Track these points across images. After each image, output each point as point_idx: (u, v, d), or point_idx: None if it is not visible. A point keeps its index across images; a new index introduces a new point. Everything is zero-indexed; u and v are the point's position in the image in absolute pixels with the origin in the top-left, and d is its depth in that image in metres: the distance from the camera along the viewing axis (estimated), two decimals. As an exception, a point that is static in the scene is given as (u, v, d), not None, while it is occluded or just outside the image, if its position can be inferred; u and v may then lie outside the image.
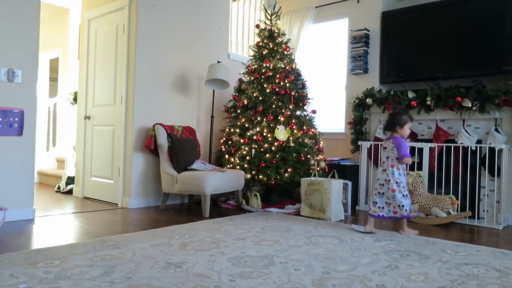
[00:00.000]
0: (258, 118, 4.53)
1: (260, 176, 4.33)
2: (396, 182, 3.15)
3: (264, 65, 4.65)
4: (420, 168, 4.21)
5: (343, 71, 5.36)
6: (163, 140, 4.21)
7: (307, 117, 4.73)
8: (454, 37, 4.35)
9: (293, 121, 4.49)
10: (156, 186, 4.41)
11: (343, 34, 5.41)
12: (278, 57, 4.71)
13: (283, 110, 4.50)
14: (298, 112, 4.70)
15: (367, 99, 4.70)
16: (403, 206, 3.12)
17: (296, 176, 4.31)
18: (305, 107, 4.75)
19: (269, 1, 4.92)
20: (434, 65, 4.48)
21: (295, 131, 4.44)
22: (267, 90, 4.54)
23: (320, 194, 3.87)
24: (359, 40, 4.98)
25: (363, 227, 3.24)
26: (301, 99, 4.70)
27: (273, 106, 4.51)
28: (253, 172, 4.37)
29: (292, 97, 4.59)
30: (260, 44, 4.82)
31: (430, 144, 4.16)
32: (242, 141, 4.51)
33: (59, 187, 5.26)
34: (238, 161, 4.48)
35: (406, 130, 3.23)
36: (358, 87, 4.99)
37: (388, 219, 3.27)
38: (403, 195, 3.15)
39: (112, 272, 2.07)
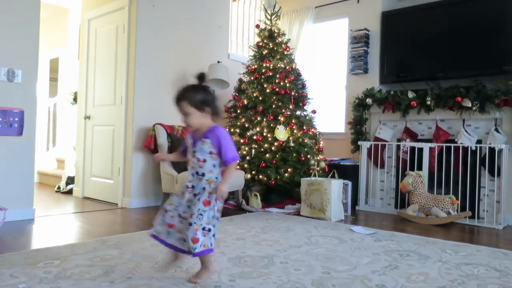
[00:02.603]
0: (258, 118, 4.53)
1: (260, 176, 4.33)
2: None
3: (264, 65, 4.65)
4: (420, 168, 4.21)
5: (343, 71, 5.36)
6: (163, 140, 4.21)
7: (307, 117, 4.73)
8: (454, 37, 4.35)
9: (293, 121, 4.48)
10: (156, 186, 4.41)
11: (343, 34, 5.40)
12: (278, 57, 4.70)
13: (283, 110, 4.50)
14: (298, 112, 4.70)
15: (367, 99, 4.70)
16: None
17: (296, 176, 4.31)
18: (305, 107, 4.75)
19: (269, 1, 4.92)
20: (434, 65, 4.48)
21: (295, 131, 4.44)
22: (267, 90, 4.54)
23: (320, 194, 3.87)
24: (359, 40, 4.98)
25: (361, 227, 3.23)
26: (301, 99, 4.70)
27: (273, 106, 4.51)
28: (253, 172, 4.37)
29: (292, 97, 4.59)
30: (260, 44, 4.82)
31: (430, 144, 4.16)
32: (242, 141, 4.51)
33: (59, 187, 5.26)
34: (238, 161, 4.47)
35: None
36: (358, 87, 4.98)
37: None
38: None
39: (112, 272, 2.07)
